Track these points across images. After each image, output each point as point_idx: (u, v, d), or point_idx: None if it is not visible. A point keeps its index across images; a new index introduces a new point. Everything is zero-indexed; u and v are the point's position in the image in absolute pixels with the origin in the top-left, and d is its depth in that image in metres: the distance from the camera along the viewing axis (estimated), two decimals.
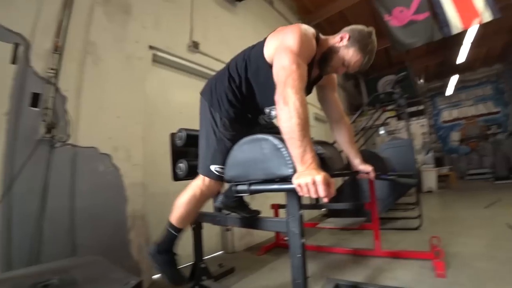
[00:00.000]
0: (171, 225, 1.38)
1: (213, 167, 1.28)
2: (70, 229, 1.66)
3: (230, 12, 3.46)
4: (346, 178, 3.55)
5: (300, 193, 0.88)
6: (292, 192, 0.94)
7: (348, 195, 3.42)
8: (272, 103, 1.05)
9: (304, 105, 0.95)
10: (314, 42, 1.19)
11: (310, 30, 1.20)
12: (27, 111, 1.58)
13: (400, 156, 3.17)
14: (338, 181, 3.85)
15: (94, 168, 1.82)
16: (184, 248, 2.32)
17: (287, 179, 0.93)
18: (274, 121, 1.36)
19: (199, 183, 1.33)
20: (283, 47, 1.08)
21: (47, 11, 1.71)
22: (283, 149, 0.97)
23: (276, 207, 2.80)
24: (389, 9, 4.16)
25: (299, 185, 0.86)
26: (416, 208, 3.20)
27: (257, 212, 1.36)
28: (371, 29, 1.28)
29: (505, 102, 9.08)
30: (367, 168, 1.62)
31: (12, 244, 1.45)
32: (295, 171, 0.91)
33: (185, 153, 1.71)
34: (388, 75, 7.14)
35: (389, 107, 4.33)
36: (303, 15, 5.16)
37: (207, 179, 1.31)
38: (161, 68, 2.58)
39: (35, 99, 1.61)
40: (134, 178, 2.03)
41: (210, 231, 2.56)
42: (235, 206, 1.31)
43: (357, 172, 1.67)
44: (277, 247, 2.80)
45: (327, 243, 2.80)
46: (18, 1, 1.61)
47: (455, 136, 9.84)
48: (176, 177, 1.66)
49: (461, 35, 5.32)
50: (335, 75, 1.53)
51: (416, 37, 4.12)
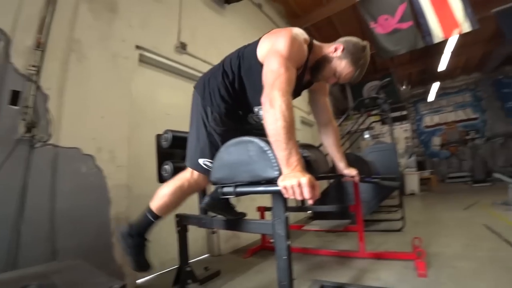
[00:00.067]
0: (151, 211, 1.36)
1: (202, 161, 1.29)
2: (50, 232, 1.60)
3: (219, 14, 3.46)
4: (332, 181, 3.61)
5: (286, 195, 0.89)
6: (278, 194, 0.95)
7: (334, 198, 3.47)
8: (261, 103, 1.06)
9: (290, 108, 0.96)
10: (305, 47, 1.21)
11: (302, 36, 1.21)
12: (6, 109, 1.52)
13: (384, 160, 3.26)
14: (324, 184, 3.90)
15: (76, 169, 1.77)
16: (169, 251, 2.30)
17: (273, 181, 0.94)
18: (263, 122, 1.37)
19: (187, 176, 1.33)
20: (273, 51, 1.10)
21: (30, 7, 1.65)
22: (269, 152, 0.98)
23: (262, 210, 2.81)
24: (375, 17, 4.28)
25: (285, 187, 0.87)
26: (399, 210, 3.29)
27: (243, 215, 1.36)
28: (366, 44, 1.31)
29: (483, 109, 9.55)
30: (352, 172, 1.66)
31: None
32: (281, 173, 0.92)
33: (171, 155, 1.70)
34: (373, 81, 7.31)
35: (374, 112, 4.45)
36: (291, 19, 5.22)
37: (196, 173, 1.32)
38: (148, 69, 2.55)
39: (15, 97, 1.55)
40: (118, 180, 1.99)
41: (196, 234, 2.54)
42: (221, 208, 1.31)
43: (342, 175, 1.70)
44: (263, 250, 2.80)
45: (313, 245, 2.83)
46: None
47: (436, 141, 10.21)
48: (162, 179, 1.64)
49: (442, 44, 5.56)
50: None
51: (400, 45, 4.26)
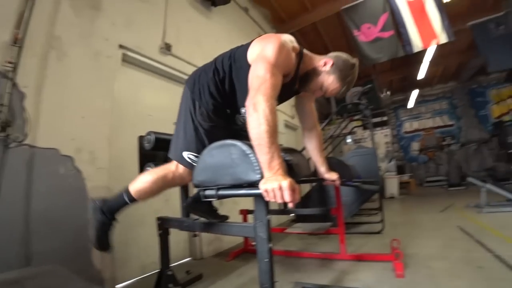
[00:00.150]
0: (128, 193, 1.34)
1: (186, 154, 1.29)
2: (24, 236, 1.53)
3: (205, 17, 3.46)
4: (314, 185, 3.67)
5: (267, 198, 0.90)
6: (259, 197, 0.96)
7: (316, 201, 3.53)
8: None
9: (274, 113, 0.98)
10: (293, 55, 1.23)
11: (291, 44, 1.24)
12: None
13: (365, 164, 3.36)
14: (306, 187, 3.95)
15: (54, 171, 1.71)
16: (150, 255, 2.26)
17: (255, 185, 0.95)
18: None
19: (172, 168, 1.34)
20: (261, 56, 1.13)
21: (7, 0, 1.59)
22: (251, 155, 0.99)
23: (245, 213, 2.81)
24: (358, 25, 4.42)
25: (266, 190, 0.88)
26: (379, 213, 3.39)
27: (225, 218, 1.36)
28: (355, 61, 1.36)
29: (458, 116, 10.06)
30: (332, 176, 1.71)
31: None
32: (263, 177, 0.93)
33: (154, 157, 1.67)
34: (356, 87, 7.50)
35: (356, 117, 4.58)
36: (277, 24, 5.30)
37: (181, 167, 1.32)
38: (131, 69, 2.50)
39: None
40: (99, 182, 1.93)
41: (177, 237, 2.50)
42: (204, 211, 1.31)
43: (323, 179, 1.74)
44: (246, 253, 2.80)
45: (295, 248, 2.86)
46: None
47: (415, 146, 10.62)
48: None
49: (422, 54, 5.82)
50: None
51: (382, 53, 4.43)
